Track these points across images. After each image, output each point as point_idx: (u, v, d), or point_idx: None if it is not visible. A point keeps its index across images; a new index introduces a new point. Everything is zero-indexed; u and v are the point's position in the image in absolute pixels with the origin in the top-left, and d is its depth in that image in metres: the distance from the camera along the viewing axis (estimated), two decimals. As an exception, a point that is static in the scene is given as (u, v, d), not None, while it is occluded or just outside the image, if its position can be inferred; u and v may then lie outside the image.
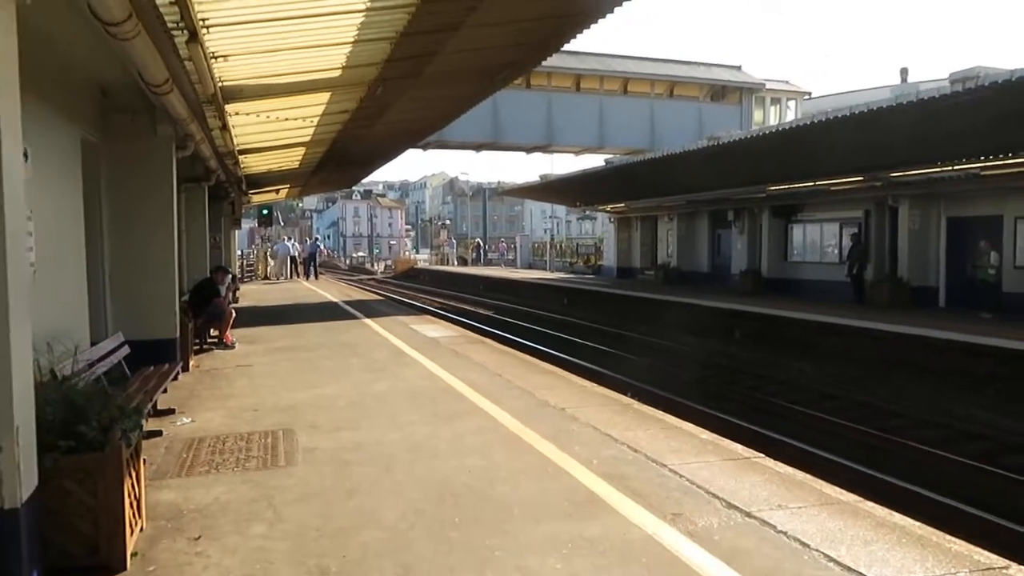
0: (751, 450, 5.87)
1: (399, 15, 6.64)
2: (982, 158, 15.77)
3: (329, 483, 5.15)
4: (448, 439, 6.20)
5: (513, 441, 6.13)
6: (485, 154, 32.93)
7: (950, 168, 16.72)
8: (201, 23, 5.45)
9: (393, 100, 10.63)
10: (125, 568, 3.81)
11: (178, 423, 6.92)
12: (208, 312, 11.66)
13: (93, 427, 3.82)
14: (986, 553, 3.86)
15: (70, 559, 3.75)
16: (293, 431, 6.54)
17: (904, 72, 38.67)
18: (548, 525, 4.30)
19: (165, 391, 7.31)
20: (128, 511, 3.93)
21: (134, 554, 3.95)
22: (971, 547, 3.94)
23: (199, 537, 4.23)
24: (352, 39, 7.18)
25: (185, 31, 5.42)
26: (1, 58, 3.13)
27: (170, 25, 5.31)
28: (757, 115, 35.17)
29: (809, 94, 37.69)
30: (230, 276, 15.14)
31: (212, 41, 6.02)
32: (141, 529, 4.26)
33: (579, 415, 6.99)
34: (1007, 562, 3.74)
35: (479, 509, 4.58)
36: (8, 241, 3.11)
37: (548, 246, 51.46)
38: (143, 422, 4.23)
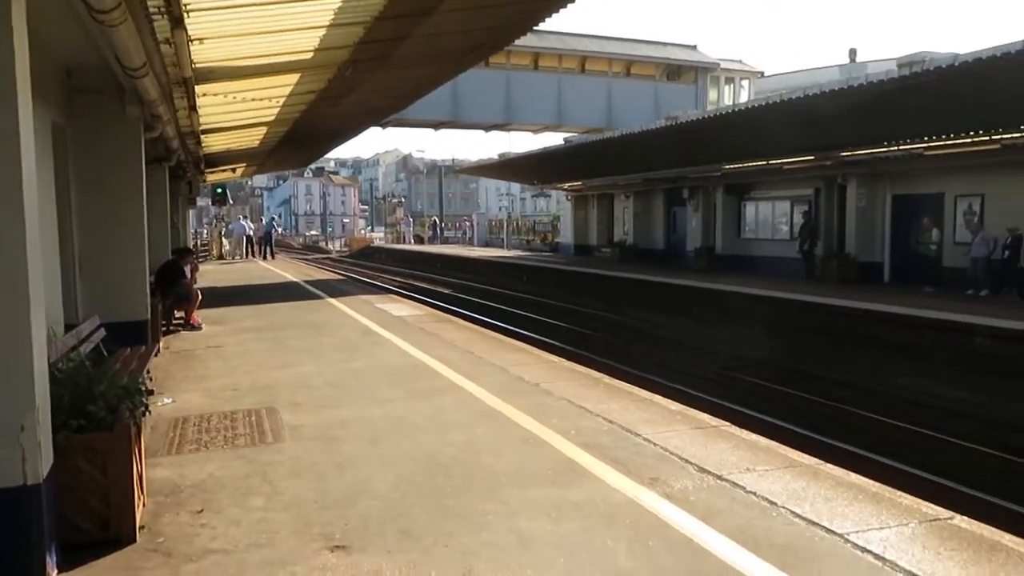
0: (718, 419, 6.24)
1: (375, 0, 6.75)
2: (925, 139, 16.46)
3: (319, 458, 5.35)
4: (429, 415, 6.44)
5: (493, 415, 6.39)
6: (441, 132, 33.15)
7: (895, 148, 17.42)
8: (185, 8, 5.51)
9: (361, 81, 10.70)
10: (135, 541, 3.97)
11: (159, 403, 6.99)
12: (175, 293, 11.64)
13: (101, 407, 3.96)
14: (933, 506, 4.27)
15: (82, 534, 3.90)
16: (276, 409, 6.69)
17: (853, 53, 39.58)
18: (535, 491, 4.58)
19: (148, 372, 7.37)
20: (135, 487, 4.10)
21: (141, 527, 4.11)
22: (920, 501, 4.34)
23: (201, 510, 4.40)
24: (327, 23, 7.27)
25: (167, 16, 5.47)
26: (16, 52, 3.23)
27: (153, 11, 5.36)
28: (712, 94, 35.75)
29: (762, 73, 38.41)
30: (193, 256, 15.04)
31: (192, 25, 6.07)
32: (143, 504, 4.42)
33: (553, 389, 7.28)
34: (951, 513, 4.15)
35: (468, 478, 4.84)
36: (28, 232, 3.24)
37: (505, 224, 51.64)
38: (145, 400, 4.36)
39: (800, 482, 4.67)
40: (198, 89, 8.72)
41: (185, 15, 5.60)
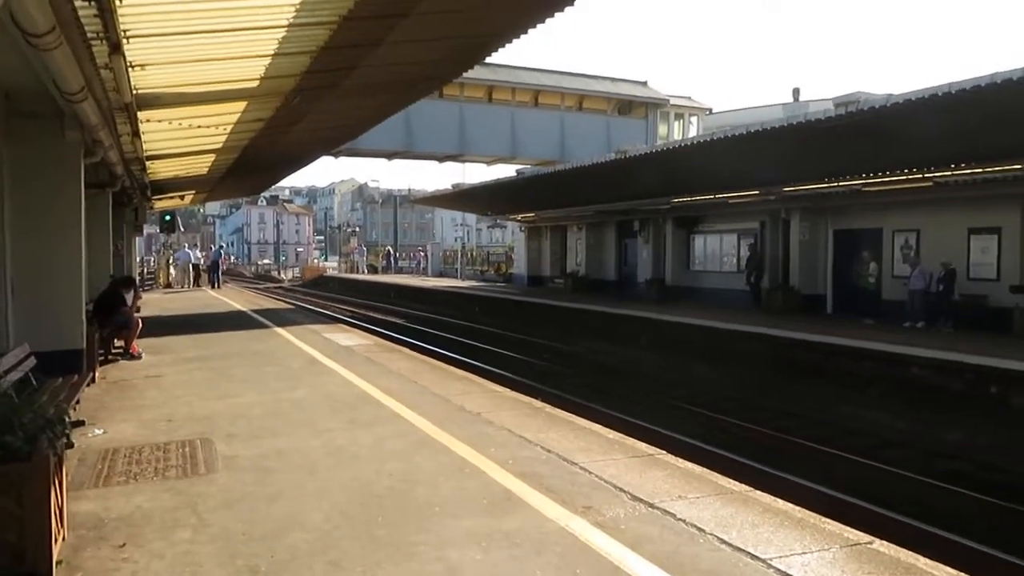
0: (654, 447, 6.32)
1: (320, 31, 6.81)
2: (862, 175, 17.06)
3: (252, 489, 5.26)
4: (368, 444, 6.39)
5: (432, 445, 6.37)
6: (396, 161, 33.36)
7: (835, 184, 17.99)
8: (123, 34, 5.48)
9: (309, 110, 10.71)
10: (51, 576, 3.85)
11: (90, 434, 6.82)
12: (115, 321, 11.38)
13: (19, 437, 3.85)
14: (855, 531, 4.38)
15: (-6, 568, 3.77)
16: (211, 440, 6.57)
17: (796, 92, 40.98)
18: (468, 521, 4.57)
19: (78, 402, 7.18)
20: (53, 520, 3.98)
21: (59, 562, 3.99)
22: (842, 527, 4.46)
23: (124, 544, 4.29)
24: (272, 52, 7.29)
25: (105, 42, 5.43)
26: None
27: (91, 36, 5.32)
28: (662, 129, 36.55)
29: (710, 110, 39.43)
30: (135, 285, 14.73)
31: (132, 51, 6.04)
32: (63, 539, 4.29)
33: (494, 419, 7.28)
34: (871, 537, 4.26)
35: (402, 509, 4.81)
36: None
37: (459, 254, 51.71)
38: (68, 431, 4.25)
39: (729, 509, 4.75)
40: (141, 115, 8.64)
41: (124, 41, 5.57)
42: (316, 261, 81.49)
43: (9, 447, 3.80)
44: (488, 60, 10.79)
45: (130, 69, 6.51)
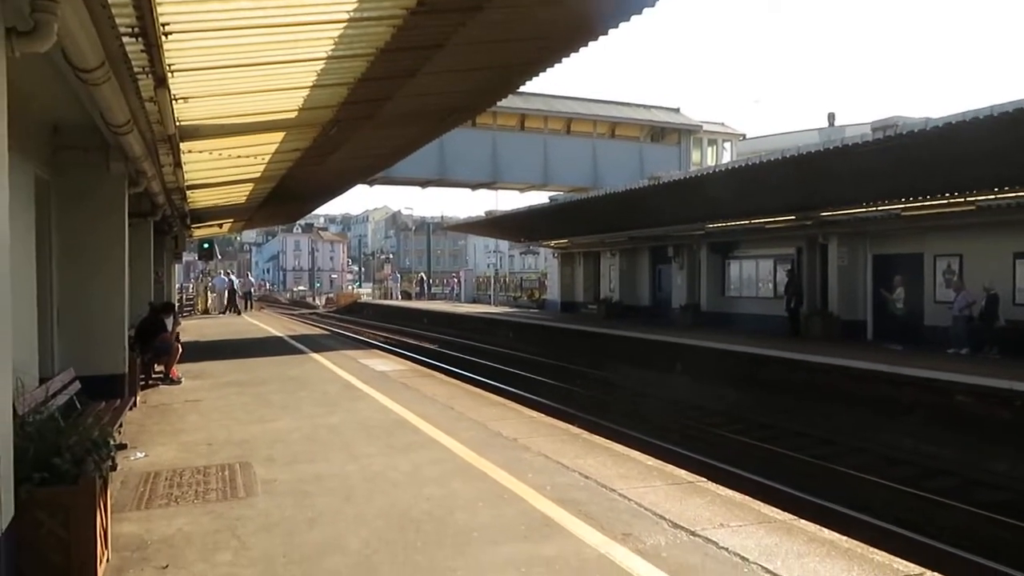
0: (694, 475, 6.23)
1: (358, 63, 6.94)
2: (902, 200, 16.80)
3: (290, 513, 5.28)
4: (405, 470, 6.38)
5: (469, 470, 6.35)
6: (429, 189, 33.79)
7: (874, 209, 17.73)
8: (168, 68, 5.64)
9: (346, 140, 10.88)
10: (96, 597, 3.90)
11: (131, 458, 6.92)
12: (155, 347, 11.58)
13: (67, 459, 3.93)
14: (904, 562, 4.26)
15: (41, 589, 3.83)
16: (250, 464, 6.62)
17: (831, 116, 40.54)
18: (506, 547, 4.53)
19: (120, 426, 7.30)
20: (99, 542, 4.03)
21: (103, 584, 4.04)
22: (891, 557, 4.33)
23: (166, 566, 4.33)
24: (311, 84, 7.44)
25: (151, 76, 5.60)
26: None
27: (137, 71, 5.49)
28: (695, 155, 36.44)
29: (744, 135, 39.24)
30: (174, 311, 15.02)
31: (176, 85, 6.21)
32: (108, 560, 4.35)
33: (531, 445, 7.25)
34: (922, 569, 4.14)
35: (440, 534, 4.79)
36: (-3, 281, 3.27)
37: (492, 280, 51.84)
38: (113, 454, 4.32)
39: (773, 538, 4.65)
40: (183, 146, 8.86)
41: (169, 75, 5.74)
42: (350, 288, 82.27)
43: (57, 470, 3.88)
44: (521, 89, 10.88)
45: (174, 102, 6.69)
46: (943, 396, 12.24)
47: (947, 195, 15.82)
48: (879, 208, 17.61)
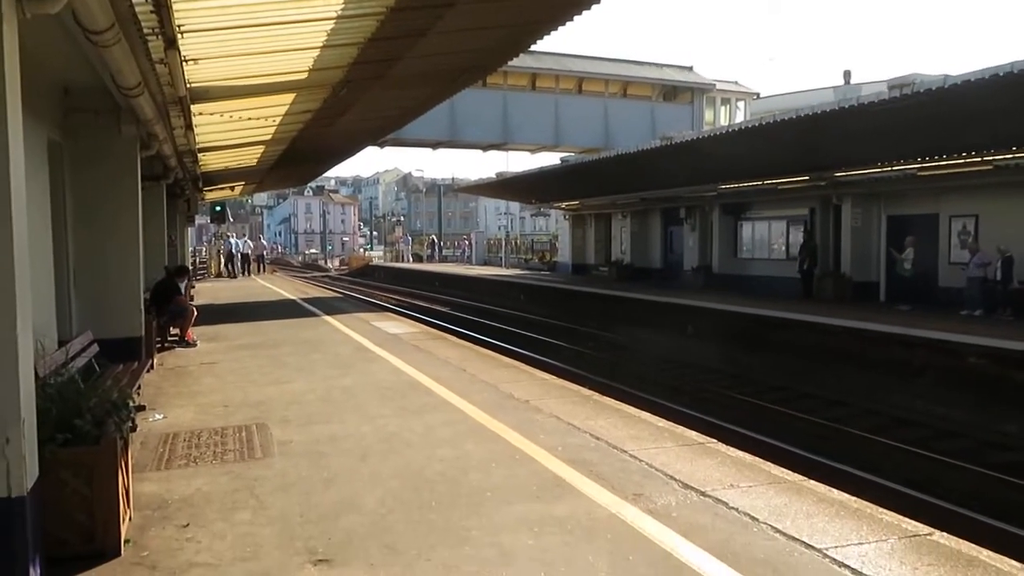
0: (705, 436, 6.28)
1: (368, 22, 6.86)
2: (918, 159, 16.57)
3: (307, 473, 5.37)
4: (419, 431, 6.47)
5: (482, 432, 6.42)
6: (440, 151, 33.68)
7: (889, 168, 17.52)
8: (178, 29, 5.60)
9: (355, 101, 10.82)
10: (120, 554, 3.99)
11: (150, 419, 7.04)
12: (170, 310, 11.69)
13: (88, 420, 4.00)
14: (913, 522, 4.30)
15: (67, 547, 3.92)
16: (266, 425, 6.73)
17: (847, 74, 40.08)
18: (519, 507, 4.61)
19: (138, 388, 7.41)
20: (121, 501, 4.13)
21: (127, 541, 4.14)
22: (900, 517, 4.38)
23: (187, 525, 4.43)
24: (320, 44, 7.38)
25: (161, 37, 5.56)
26: (7, 69, 3.30)
27: (147, 31, 5.45)
28: (708, 115, 36.01)
29: (757, 94, 38.71)
30: (189, 274, 15.13)
31: (186, 46, 6.18)
32: (130, 519, 4.45)
33: (542, 406, 7.31)
34: (931, 529, 4.18)
35: (454, 494, 4.87)
36: (15, 245, 3.29)
37: (503, 242, 51.79)
38: (132, 415, 4.40)
39: (783, 498, 4.70)
40: (194, 108, 8.83)
41: (179, 36, 5.70)
42: (362, 250, 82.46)
43: (79, 431, 3.95)
44: (532, 48, 10.74)
45: (184, 63, 6.65)
46: (956, 358, 12.22)
47: (964, 154, 15.60)
48: (895, 168, 17.39)
